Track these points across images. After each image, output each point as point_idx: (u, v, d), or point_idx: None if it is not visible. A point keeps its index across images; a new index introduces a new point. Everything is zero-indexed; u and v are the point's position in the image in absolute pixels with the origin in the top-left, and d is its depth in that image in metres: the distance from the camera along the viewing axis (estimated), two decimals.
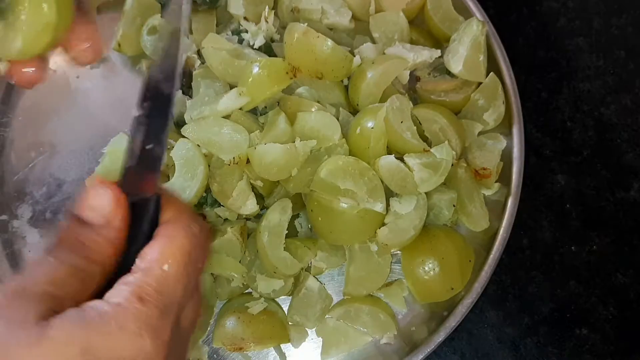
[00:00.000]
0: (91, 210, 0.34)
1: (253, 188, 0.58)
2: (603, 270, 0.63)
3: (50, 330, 0.29)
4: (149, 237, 0.34)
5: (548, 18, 0.69)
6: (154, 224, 0.34)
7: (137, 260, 0.33)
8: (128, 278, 0.32)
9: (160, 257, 0.33)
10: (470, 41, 0.59)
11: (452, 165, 0.57)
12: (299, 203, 0.59)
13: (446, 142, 0.56)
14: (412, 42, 0.63)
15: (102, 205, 0.34)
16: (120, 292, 0.32)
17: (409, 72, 0.62)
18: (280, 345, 0.59)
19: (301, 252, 0.58)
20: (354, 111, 0.60)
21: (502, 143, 0.60)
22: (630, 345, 0.61)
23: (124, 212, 0.34)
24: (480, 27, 0.59)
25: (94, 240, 0.33)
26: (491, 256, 0.57)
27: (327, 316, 0.59)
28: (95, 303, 0.31)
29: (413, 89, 0.63)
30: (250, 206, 0.57)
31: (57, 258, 0.32)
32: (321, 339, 0.59)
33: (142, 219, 0.34)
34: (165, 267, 0.33)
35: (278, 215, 0.56)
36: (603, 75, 0.67)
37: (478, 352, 0.61)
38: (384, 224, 0.56)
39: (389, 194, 0.57)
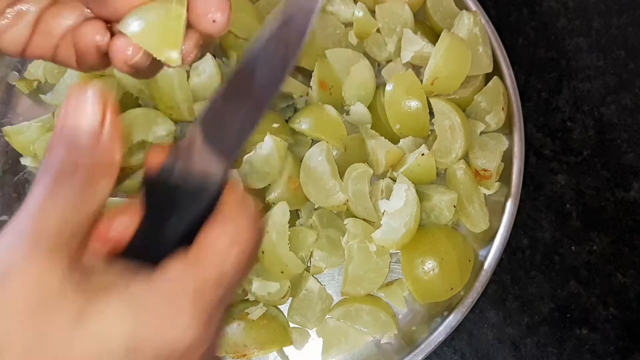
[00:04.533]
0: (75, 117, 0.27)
1: None
2: (603, 270, 0.63)
3: (95, 304, 0.23)
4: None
5: (548, 18, 0.69)
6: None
7: (201, 238, 0.27)
8: (189, 258, 0.27)
9: (229, 244, 0.27)
10: (465, 35, 0.59)
11: (452, 166, 0.57)
12: (300, 197, 0.59)
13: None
14: None
15: (87, 112, 0.26)
16: (179, 270, 0.26)
17: None
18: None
19: (303, 235, 0.58)
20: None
21: (505, 144, 0.60)
22: (630, 345, 0.61)
23: (115, 125, 0.27)
24: (471, 19, 0.58)
25: (89, 162, 0.26)
26: (491, 256, 0.57)
27: (327, 316, 0.59)
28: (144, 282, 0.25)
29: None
30: None
31: (58, 192, 0.25)
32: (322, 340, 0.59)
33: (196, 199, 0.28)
34: (233, 254, 0.27)
35: (281, 216, 0.56)
36: (603, 75, 0.67)
37: (478, 352, 0.61)
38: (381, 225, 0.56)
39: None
